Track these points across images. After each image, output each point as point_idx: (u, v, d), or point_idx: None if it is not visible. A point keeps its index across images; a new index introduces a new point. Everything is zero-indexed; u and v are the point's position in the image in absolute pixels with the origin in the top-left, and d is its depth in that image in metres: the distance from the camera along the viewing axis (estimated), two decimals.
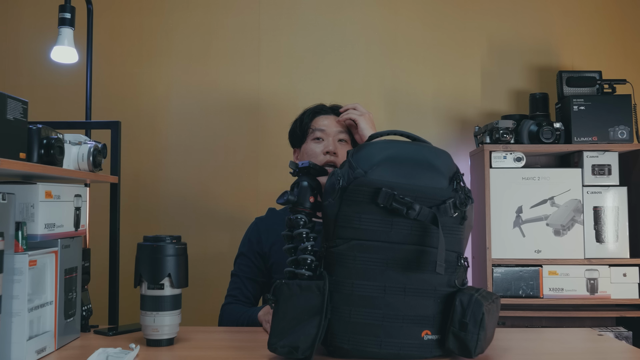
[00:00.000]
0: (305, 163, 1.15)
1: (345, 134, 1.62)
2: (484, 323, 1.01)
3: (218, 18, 2.57)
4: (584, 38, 2.58)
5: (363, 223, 1.02)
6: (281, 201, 1.13)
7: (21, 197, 1.12)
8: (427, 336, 1.04)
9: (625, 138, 2.21)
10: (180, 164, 2.53)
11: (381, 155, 1.05)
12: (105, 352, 1.09)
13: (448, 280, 1.05)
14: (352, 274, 1.03)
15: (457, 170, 1.08)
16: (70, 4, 1.77)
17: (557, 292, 2.18)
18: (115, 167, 1.64)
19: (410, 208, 1.00)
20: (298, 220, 1.10)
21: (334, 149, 1.58)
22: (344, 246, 1.03)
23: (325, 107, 1.67)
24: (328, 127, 1.61)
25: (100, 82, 2.38)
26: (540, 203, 2.23)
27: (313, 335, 1.01)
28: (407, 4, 2.59)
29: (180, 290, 1.21)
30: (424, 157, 1.07)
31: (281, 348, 1.02)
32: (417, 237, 1.02)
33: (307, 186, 1.12)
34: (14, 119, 1.08)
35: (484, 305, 1.02)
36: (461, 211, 1.04)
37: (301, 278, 1.07)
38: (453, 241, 1.05)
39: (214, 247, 2.47)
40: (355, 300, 1.02)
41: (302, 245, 1.09)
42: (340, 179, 1.03)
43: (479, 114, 2.56)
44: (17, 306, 1.05)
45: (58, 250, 1.17)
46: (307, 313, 1.02)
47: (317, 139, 1.61)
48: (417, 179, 1.03)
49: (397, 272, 1.02)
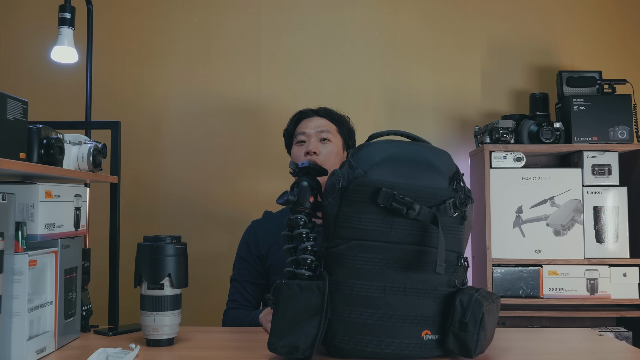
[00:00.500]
0: (305, 163, 1.15)
1: (328, 132, 1.63)
2: (484, 323, 1.01)
3: (218, 18, 2.57)
4: (584, 38, 2.58)
5: (363, 223, 1.02)
6: (281, 201, 1.13)
7: (21, 197, 1.12)
8: (427, 336, 1.04)
9: (625, 138, 2.21)
10: (180, 164, 2.53)
11: (381, 155, 1.05)
12: (105, 352, 1.10)
13: (448, 280, 1.05)
14: (352, 273, 1.03)
15: (457, 170, 1.08)
16: (70, 4, 1.77)
17: (557, 292, 2.18)
18: (115, 167, 1.64)
19: (410, 208, 1.00)
20: (298, 220, 1.10)
21: (313, 149, 1.59)
22: (344, 246, 1.03)
23: (308, 111, 1.69)
24: (309, 128, 1.63)
25: (100, 82, 2.38)
26: (540, 203, 2.23)
27: (313, 335, 1.01)
28: (407, 4, 2.59)
29: (180, 290, 1.21)
30: (423, 157, 1.07)
31: (281, 348, 1.02)
32: (417, 237, 1.02)
33: (307, 186, 1.12)
34: (14, 119, 1.08)
35: (484, 305, 1.02)
36: (461, 211, 1.04)
37: (301, 278, 1.07)
38: (453, 241, 1.05)
39: (214, 247, 2.47)
40: (355, 300, 1.02)
41: (302, 245, 1.09)
42: (340, 178, 1.04)
43: (479, 114, 2.56)
44: (17, 306, 1.05)
45: (58, 250, 1.17)
46: (307, 313, 1.02)
47: (300, 142, 1.64)
48: (417, 179, 1.03)
49: (397, 272, 1.02)
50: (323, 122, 1.65)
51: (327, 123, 1.65)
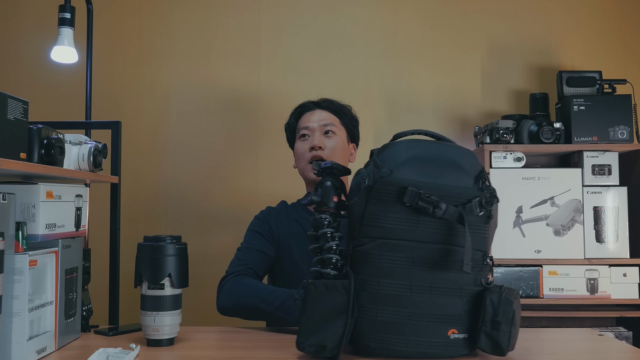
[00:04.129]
0: (328, 163, 1.15)
1: (332, 124, 1.62)
2: (514, 320, 1.03)
3: (218, 18, 2.57)
4: (584, 38, 2.58)
5: (389, 222, 1.03)
6: (305, 201, 1.14)
7: (22, 197, 1.12)
8: (453, 335, 1.04)
9: (625, 138, 2.21)
10: (180, 164, 2.53)
11: (406, 155, 1.05)
12: (105, 352, 1.10)
13: (474, 279, 1.05)
14: (378, 272, 1.03)
15: (482, 169, 1.08)
16: (70, 4, 1.77)
17: (557, 292, 2.18)
18: (115, 167, 1.64)
19: (436, 207, 1.00)
20: (322, 220, 1.11)
21: (318, 143, 1.58)
22: (370, 245, 1.03)
23: (309, 103, 1.68)
24: (312, 122, 1.62)
25: (100, 82, 2.38)
26: (540, 203, 2.23)
27: (340, 334, 1.02)
28: (407, 4, 2.59)
29: (181, 290, 1.21)
30: (449, 156, 1.07)
31: (309, 347, 1.03)
32: (444, 236, 1.03)
33: (331, 186, 1.13)
34: (14, 119, 1.08)
35: (513, 302, 1.03)
36: (487, 210, 1.04)
37: (327, 277, 1.07)
38: (479, 240, 1.05)
39: (214, 247, 2.47)
40: (381, 298, 1.03)
41: (327, 244, 1.09)
42: (366, 178, 1.04)
43: (479, 114, 2.56)
44: (18, 306, 1.06)
45: (58, 250, 1.17)
46: (333, 312, 1.03)
47: (303, 136, 1.63)
48: (443, 178, 1.04)
49: (423, 270, 1.03)
50: (326, 115, 1.64)
51: (330, 116, 1.64)
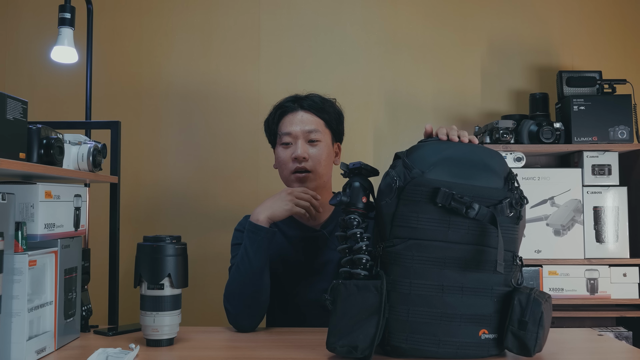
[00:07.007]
0: (357, 164, 1.15)
1: (317, 131, 1.48)
2: (542, 322, 1.03)
3: (218, 18, 2.57)
4: (584, 38, 2.58)
5: (421, 222, 1.03)
6: (334, 202, 1.13)
7: (21, 197, 1.12)
8: (484, 335, 1.05)
9: (625, 138, 2.21)
10: (180, 164, 2.53)
11: (437, 156, 1.06)
12: (105, 352, 1.10)
13: (505, 280, 1.05)
14: (409, 273, 1.03)
15: (510, 170, 1.09)
16: (70, 4, 1.77)
17: (557, 292, 2.18)
18: (115, 167, 1.64)
19: (469, 207, 1.01)
20: (352, 221, 1.11)
21: (302, 154, 1.45)
22: (401, 245, 1.04)
23: (290, 104, 1.51)
24: (294, 126, 1.48)
25: (100, 82, 2.38)
26: (540, 203, 2.23)
27: (372, 334, 1.02)
28: (407, 4, 2.59)
29: (180, 290, 1.21)
30: (479, 157, 1.08)
31: (340, 347, 1.03)
32: (475, 236, 1.03)
33: (360, 186, 1.13)
34: (13, 119, 1.08)
35: (542, 304, 1.03)
36: (517, 211, 1.05)
37: (357, 278, 1.07)
38: (509, 241, 1.06)
39: (214, 247, 2.47)
40: (413, 299, 1.03)
41: (357, 245, 1.09)
42: (397, 179, 1.04)
43: (479, 114, 2.56)
44: (17, 306, 1.06)
45: (58, 250, 1.17)
46: (365, 312, 1.03)
47: (285, 144, 1.49)
48: (474, 179, 1.04)
49: (454, 271, 1.03)
50: (309, 118, 1.49)
51: (314, 118, 1.49)
